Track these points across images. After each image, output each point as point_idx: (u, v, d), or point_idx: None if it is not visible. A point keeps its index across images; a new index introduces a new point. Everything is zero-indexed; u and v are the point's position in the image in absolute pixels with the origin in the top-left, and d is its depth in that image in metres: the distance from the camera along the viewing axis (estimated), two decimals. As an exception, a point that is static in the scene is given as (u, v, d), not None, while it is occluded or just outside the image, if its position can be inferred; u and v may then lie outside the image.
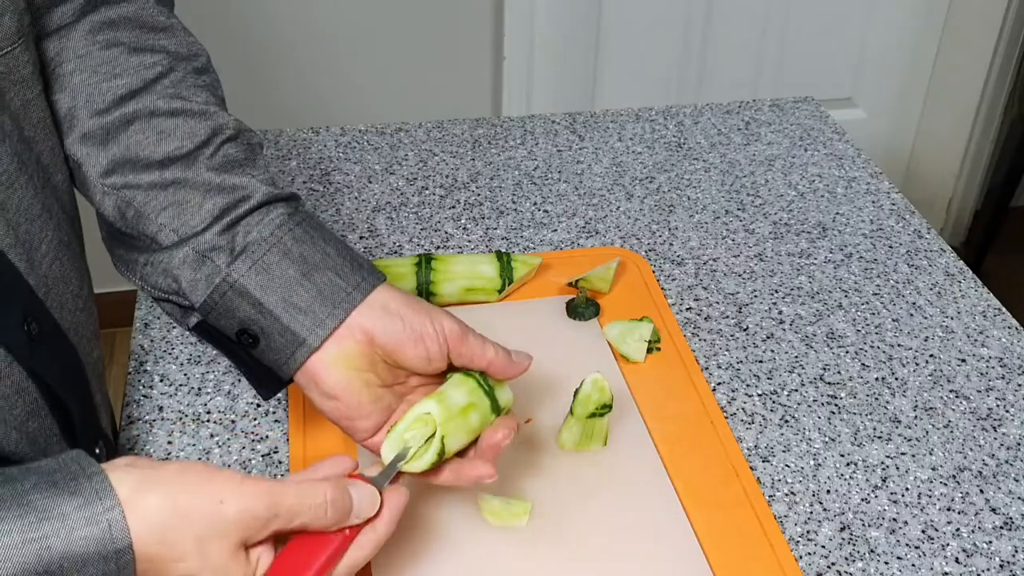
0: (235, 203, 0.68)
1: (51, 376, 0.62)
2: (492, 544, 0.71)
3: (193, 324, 0.70)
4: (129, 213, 0.69)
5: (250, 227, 0.68)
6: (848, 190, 1.13)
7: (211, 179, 0.68)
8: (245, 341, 0.67)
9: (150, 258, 0.68)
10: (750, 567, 0.71)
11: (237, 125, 0.72)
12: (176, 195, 0.68)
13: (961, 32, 2.27)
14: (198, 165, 0.69)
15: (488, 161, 1.16)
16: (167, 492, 0.53)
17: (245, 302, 0.66)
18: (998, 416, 0.85)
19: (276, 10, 1.96)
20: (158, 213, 0.68)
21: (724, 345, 0.91)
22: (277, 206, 0.69)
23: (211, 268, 0.67)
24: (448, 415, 0.66)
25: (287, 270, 0.67)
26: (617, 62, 2.17)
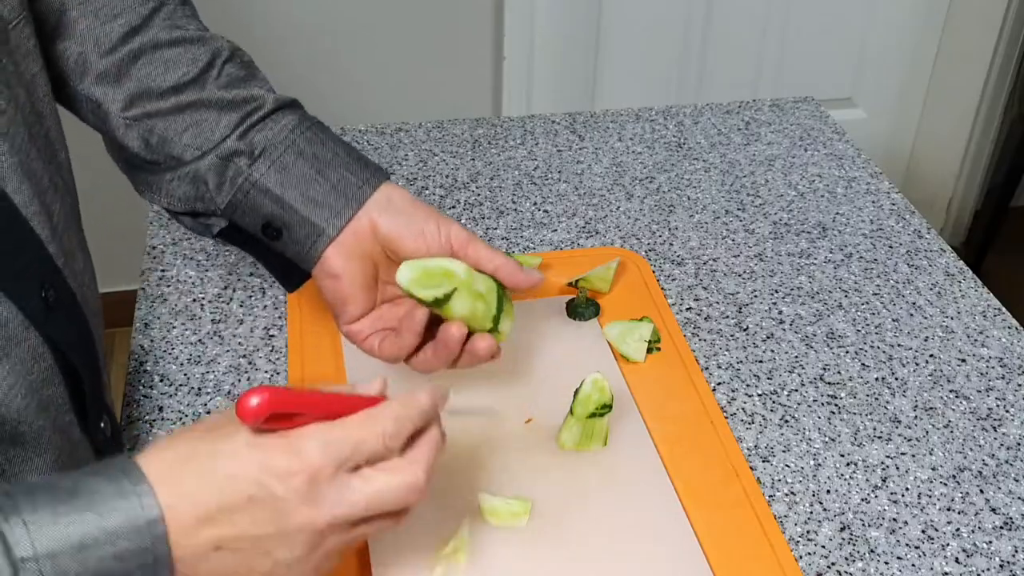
0: (249, 113, 0.74)
1: (65, 344, 0.64)
2: (492, 544, 0.71)
3: (217, 231, 0.76)
4: (153, 140, 0.74)
5: (265, 131, 0.74)
6: (848, 190, 1.13)
7: (223, 96, 0.75)
8: (270, 235, 0.73)
9: (176, 173, 0.74)
10: (750, 567, 0.71)
11: (230, 46, 0.79)
12: (194, 116, 0.74)
13: (961, 32, 2.27)
14: (209, 86, 0.75)
15: (488, 161, 1.16)
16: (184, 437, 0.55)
17: (267, 198, 0.72)
18: (998, 416, 0.85)
19: (276, 10, 1.96)
20: (180, 135, 0.74)
21: (724, 345, 0.91)
22: (286, 112, 0.75)
23: (234, 170, 0.73)
24: (467, 283, 0.70)
25: (303, 168, 0.73)
26: (617, 62, 2.17)
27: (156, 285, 0.96)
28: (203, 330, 0.91)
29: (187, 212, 0.76)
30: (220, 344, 0.89)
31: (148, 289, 0.96)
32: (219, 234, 0.76)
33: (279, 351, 0.89)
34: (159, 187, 0.76)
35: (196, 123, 0.74)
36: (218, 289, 0.96)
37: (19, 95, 0.63)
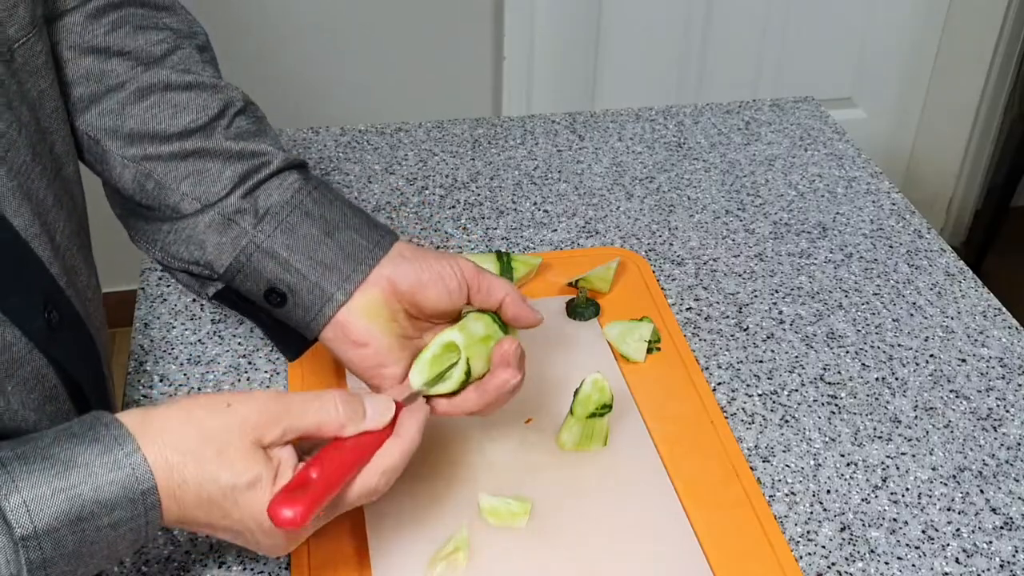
0: (255, 169, 0.71)
1: (70, 363, 0.64)
2: (492, 544, 0.71)
3: (213, 293, 0.72)
4: (149, 185, 0.71)
5: (271, 191, 0.70)
6: (848, 190, 1.13)
7: (230, 147, 0.71)
8: (273, 300, 0.70)
9: (173, 227, 0.71)
10: (750, 567, 0.71)
11: (244, 98, 0.75)
12: (196, 164, 0.71)
13: (961, 32, 2.27)
14: (216, 135, 0.71)
15: (488, 161, 1.16)
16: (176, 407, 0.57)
17: (273, 262, 0.69)
18: (998, 416, 0.85)
19: (276, 10, 1.96)
20: (179, 183, 0.70)
21: (724, 345, 0.91)
22: (293, 172, 0.72)
23: (237, 231, 0.69)
24: (470, 340, 0.69)
25: (310, 229, 0.70)
26: (617, 62, 2.17)
27: (156, 285, 0.96)
28: (203, 330, 0.91)
29: (183, 270, 0.72)
30: (220, 344, 0.89)
31: (148, 289, 0.96)
32: (215, 296, 0.73)
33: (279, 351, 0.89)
34: (155, 240, 0.72)
35: (198, 172, 0.71)
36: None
37: (22, 115, 0.62)
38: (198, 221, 0.70)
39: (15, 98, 0.62)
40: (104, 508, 0.52)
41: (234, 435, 0.56)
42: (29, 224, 0.61)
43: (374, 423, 0.61)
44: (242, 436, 0.57)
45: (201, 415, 0.57)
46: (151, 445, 0.55)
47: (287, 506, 0.56)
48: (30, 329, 0.60)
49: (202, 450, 0.56)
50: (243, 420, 0.57)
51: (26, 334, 0.59)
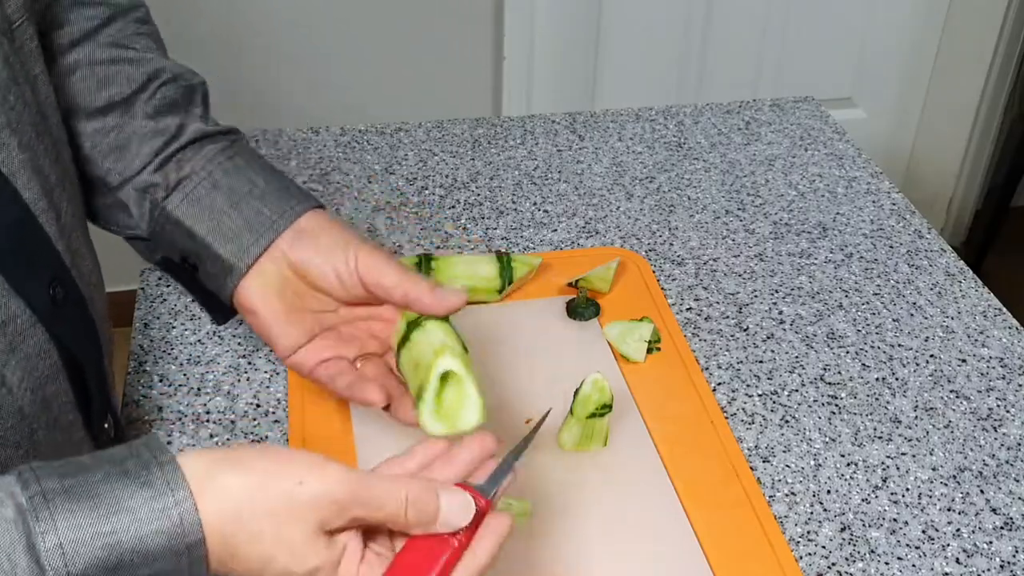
0: (168, 142, 0.73)
1: (72, 341, 0.64)
2: (492, 544, 0.71)
3: (158, 259, 0.75)
4: (79, 157, 0.73)
5: (183, 163, 0.73)
6: (848, 190, 1.13)
7: (146, 124, 0.73)
8: (187, 268, 0.73)
9: (105, 199, 0.74)
10: (750, 567, 0.71)
11: (175, 69, 0.77)
12: (117, 139, 0.73)
13: (961, 32, 2.27)
14: (135, 109, 0.73)
15: (488, 161, 1.16)
16: (245, 469, 0.52)
17: (180, 232, 0.71)
18: (998, 416, 0.85)
19: (276, 10, 1.96)
20: (103, 158, 0.73)
21: (724, 345, 0.91)
22: (209, 142, 0.74)
23: (151, 201, 0.72)
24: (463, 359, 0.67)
25: (216, 200, 0.72)
26: (617, 62, 2.16)
27: (155, 285, 0.96)
28: (202, 330, 0.91)
29: (131, 237, 0.75)
30: (219, 344, 0.89)
31: (147, 289, 0.96)
32: (159, 262, 0.76)
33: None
34: (97, 213, 0.75)
35: (118, 148, 0.73)
36: (218, 289, 0.96)
37: (25, 92, 0.63)
38: (121, 193, 0.73)
39: (19, 74, 0.63)
40: (145, 559, 0.49)
41: (298, 517, 0.52)
42: (38, 199, 0.62)
43: (446, 527, 0.55)
44: (307, 520, 0.52)
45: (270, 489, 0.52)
46: (209, 503, 0.51)
47: None
48: (35, 303, 0.60)
49: (261, 526, 0.52)
50: (311, 503, 0.52)
51: (31, 307, 0.59)
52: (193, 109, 0.75)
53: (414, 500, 0.54)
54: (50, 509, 0.48)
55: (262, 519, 0.51)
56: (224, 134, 0.75)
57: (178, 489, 0.50)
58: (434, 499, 0.55)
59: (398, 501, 0.54)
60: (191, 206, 0.72)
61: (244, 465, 0.52)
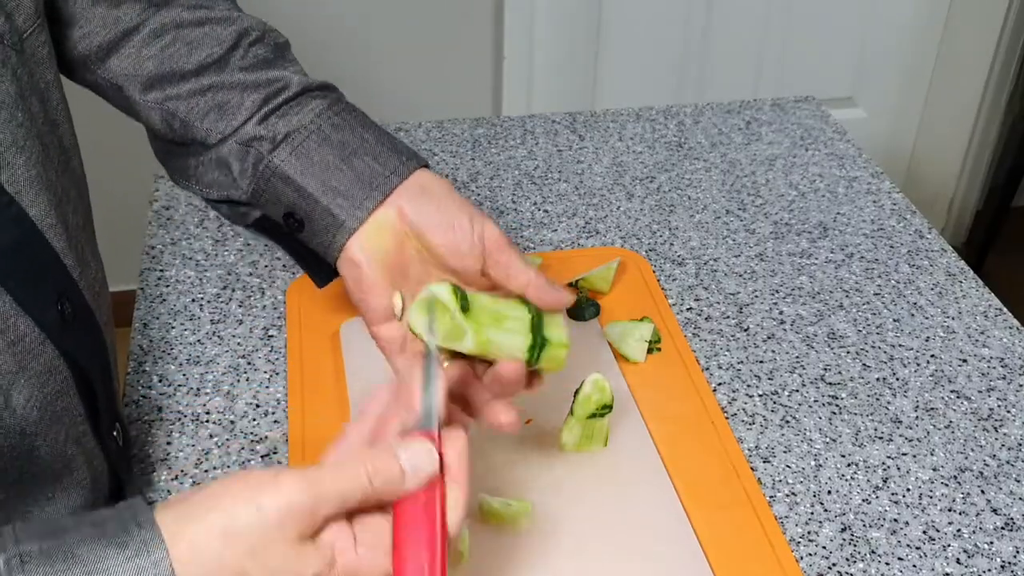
0: (273, 95, 0.71)
1: (82, 357, 0.63)
2: (492, 544, 0.71)
3: (252, 220, 0.73)
4: (175, 124, 0.72)
5: (290, 115, 0.70)
6: (849, 190, 1.13)
7: (245, 78, 0.71)
8: (292, 225, 0.69)
9: (200, 159, 0.72)
10: (751, 568, 0.71)
11: (262, 26, 0.75)
12: (215, 98, 0.71)
13: (962, 31, 2.27)
14: (231, 67, 0.72)
15: (488, 161, 1.16)
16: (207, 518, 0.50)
17: (288, 187, 0.68)
18: (999, 416, 0.85)
19: (276, 10, 1.96)
20: (202, 119, 0.71)
21: (725, 345, 0.91)
22: (314, 95, 0.72)
23: (255, 156, 0.69)
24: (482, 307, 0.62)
25: (326, 155, 0.69)
26: (617, 62, 2.16)
27: (155, 285, 0.96)
28: (202, 330, 0.91)
29: (222, 200, 0.73)
30: (219, 344, 0.89)
31: (147, 289, 0.96)
32: (253, 224, 0.74)
33: (278, 351, 0.88)
34: (188, 173, 0.73)
35: (218, 106, 0.71)
36: (217, 289, 0.96)
37: (33, 105, 0.63)
38: (220, 150, 0.70)
39: (27, 88, 0.62)
40: None
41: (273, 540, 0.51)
42: (45, 214, 0.61)
43: (416, 482, 0.54)
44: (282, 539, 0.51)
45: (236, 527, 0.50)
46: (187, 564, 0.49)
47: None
48: (44, 321, 0.59)
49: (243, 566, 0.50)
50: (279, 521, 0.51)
51: (40, 325, 0.59)
52: (288, 64, 0.74)
53: (375, 472, 0.53)
54: (25, 572, 0.47)
55: (242, 559, 0.50)
56: (325, 89, 0.73)
57: (155, 550, 0.48)
58: (394, 462, 0.53)
59: (361, 481, 0.52)
60: (300, 160, 0.69)
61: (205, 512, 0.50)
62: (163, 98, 0.72)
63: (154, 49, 0.72)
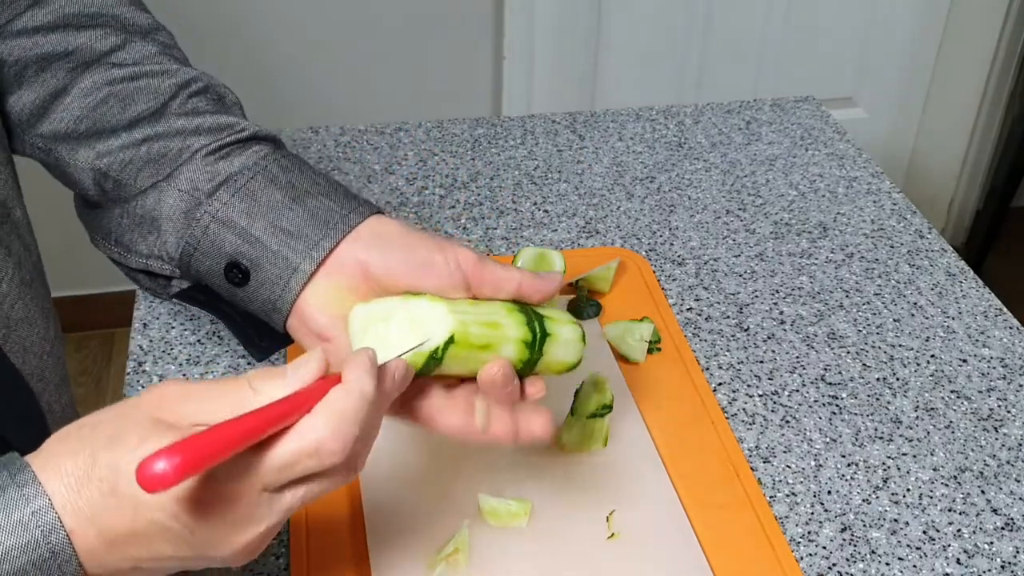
0: (216, 139, 0.64)
1: (6, 427, 0.59)
2: (492, 545, 0.71)
3: (175, 292, 0.66)
4: (107, 184, 0.65)
5: (232, 158, 0.63)
6: (849, 190, 1.13)
7: (185, 125, 0.64)
8: (234, 278, 0.61)
9: (125, 208, 0.64)
10: (751, 568, 0.71)
11: (209, 79, 0.68)
12: (151, 150, 0.64)
13: (962, 31, 2.27)
14: (168, 116, 0.65)
15: (488, 161, 1.16)
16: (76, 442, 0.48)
17: (231, 232, 0.61)
18: (999, 417, 0.85)
19: (275, 10, 1.96)
20: (135, 175, 0.64)
21: (725, 345, 0.91)
22: (260, 142, 0.65)
23: (190, 201, 0.62)
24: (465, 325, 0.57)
25: (274, 195, 0.61)
26: (617, 62, 2.16)
27: (155, 285, 0.96)
28: (202, 330, 0.91)
29: (139, 270, 0.66)
30: (219, 344, 0.89)
31: (147, 289, 0.96)
32: (178, 294, 0.66)
33: (278, 351, 0.88)
34: (109, 231, 0.65)
35: (154, 159, 0.63)
36: (217, 289, 0.96)
37: None
38: (148, 198, 0.63)
39: None
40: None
41: (127, 416, 0.47)
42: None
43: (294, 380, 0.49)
44: (136, 415, 0.47)
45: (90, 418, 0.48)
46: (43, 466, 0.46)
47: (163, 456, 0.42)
48: None
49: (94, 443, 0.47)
50: (135, 404, 0.48)
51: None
52: (233, 115, 0.67)
53: (256, 374, 0.50)
54: None
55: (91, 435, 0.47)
56: (275, 141, 0.66)
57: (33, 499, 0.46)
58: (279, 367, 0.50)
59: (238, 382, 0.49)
60: (244, 201, 0.61)
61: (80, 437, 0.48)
62: (93, 155, 0.65)
63: (85, 108, 0.65)
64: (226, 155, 0.63)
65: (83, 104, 0.66)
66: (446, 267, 0.59)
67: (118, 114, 0.65)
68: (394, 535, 0.71)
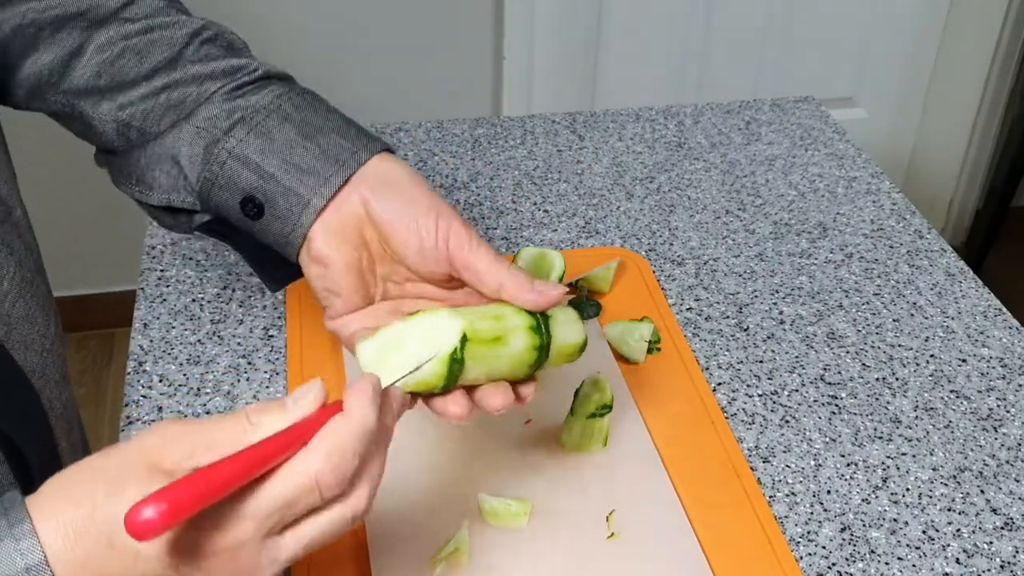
0: (233, 79, 0.67)
1: (7, 423, 0.59)
2: (492, 545, 0.71)
3: (198, 224, 0.68)
4: (131, 134, 0.68)
5: (248, 96, 0.66)
6: (849, 190, 1.13)
7: (200, 70, 0.67)
8: (250, 212, 0.64)
9: (144, 151, 0.67)
10: (750, 567, 0.71)
11: (217, 27, 0.71)
12: (171, 97, 0.67)
13: (962, 31, 2.27)
14: (183, 64, 0.67)
15: (488, 161, 1.16)
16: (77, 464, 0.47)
17: (246, 168, 0.63)
18: (999, 416, 0.85)
19: (275, 10, 1.96)
20: (158, 122, 0.67)
21: (724, 345, 0.91)
22: (275, 81, 0.68)
23: (208, 137, 0.65)
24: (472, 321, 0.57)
25: (288, 133, 0.64)
26: (617, 62, 2.16)
27: (155, 285, 0.96)
28: (202, 330, 0.91)
29: (164, 207, 0.68)
30: (219, 344, 0.89)
31: (147, 289, 0.96)
32: (201, 227, 0.69)
33: (278, 351, 0.89)
34: (131, 172, 0.68)
35: (175, 105, 0.66)
36: (217, 289, 0.96)
37: None
38: (167, 137, 0.66)
39: None
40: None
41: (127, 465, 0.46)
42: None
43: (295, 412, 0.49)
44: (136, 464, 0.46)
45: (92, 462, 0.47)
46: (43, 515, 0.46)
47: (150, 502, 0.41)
48: None
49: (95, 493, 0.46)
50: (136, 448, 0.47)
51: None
52: (247, 56, 0.69)
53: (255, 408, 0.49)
54: None
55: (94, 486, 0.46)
56: (287, 79, 0.69)
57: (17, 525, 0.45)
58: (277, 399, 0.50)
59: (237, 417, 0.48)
60: (259, 139, 0.63)
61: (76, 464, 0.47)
62: (116, 108, 0.67)
63: (103, 64, 0.68)
64: (242, 94, 0.66)
65: (100, 59, 0.68)
66: (434, 235, 0.61)
67: (136, 66, 0.68)
68: (394, 535, 0.71)
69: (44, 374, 0.64)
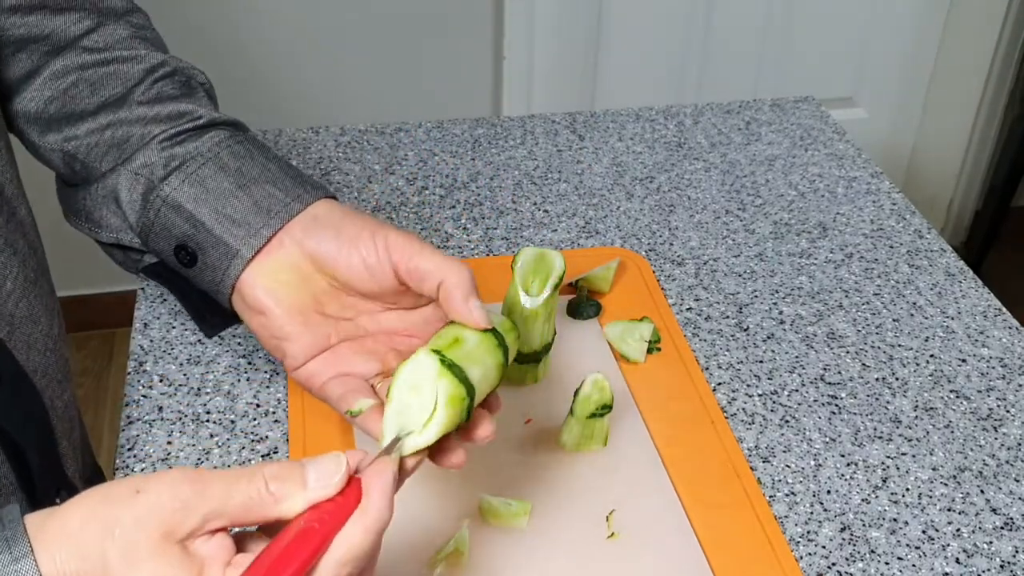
0: (172, 125, 0.67)
1: (9, 422, 0.59)
2: (492, 545, 0.71)
3: (143, 267, 0.69)
4: (76, 166, 0.69)
5: (187, 143, 0.67)
6: (848, 190, 1.13)
7: (145, 112, 0.68)
8: (183, 259, 0.65)
9: (90, 189, 0.68)
10: (750, 567, 0.71)
11: (177, 63, 0.71)
12: (114, 136, 0.68)
13: (962, 31, 2.27)
14: (130, 103, 0.68)
15: (488, 161, 1.16)
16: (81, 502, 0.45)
17: (179, 217, 0.65)
18: (999, 416, 0.85)
19: (276, 10, 1.96)
20: (100, 159, 0.68)
21: (724, 345, 0.91)
22: (218, 128, 0.68)
23: (145, 184, 0.66)
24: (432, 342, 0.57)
25: (222, 182, 0.65)
26: (617, 62, 2.17)
27: (155, 285, 0.96)
28: (203, 330, 0.91)
29: (112, 244, 0.69)
30: (220, 344, 0.89)
31: (148, 289, 0.96)
32: (145, 270, 0.69)
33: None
34: (80, 209, 0.69)
35: (117, 144, 0.67)
36: (218, 289, 0.96)
37: None
38: (109, 179, 0.67)
39: None
40: None
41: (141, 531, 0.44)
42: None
43: (317, 493, 0.48)
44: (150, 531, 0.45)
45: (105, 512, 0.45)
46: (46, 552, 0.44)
47: None
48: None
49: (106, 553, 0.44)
50: (150, 510, 0.45)
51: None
52: (199, 101, 0.70)
53: (274, 474, 0.47)
54: None
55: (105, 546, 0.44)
56: (234, 125, 0.70)
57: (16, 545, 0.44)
58: (297, 466, 0.48)
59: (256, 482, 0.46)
60: (193, 187, 0.64)
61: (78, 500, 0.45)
62: (61, 140, 0.68)
63: (55, 91, 0.68)
64: (181, 141, 0.67)
65: (53, 87, 0.69)
66: (373, 249, 0.61)
67: (87, 99, 0.68)
68: (394, 534, 0.71)
69: (46, 374, 0.64)
